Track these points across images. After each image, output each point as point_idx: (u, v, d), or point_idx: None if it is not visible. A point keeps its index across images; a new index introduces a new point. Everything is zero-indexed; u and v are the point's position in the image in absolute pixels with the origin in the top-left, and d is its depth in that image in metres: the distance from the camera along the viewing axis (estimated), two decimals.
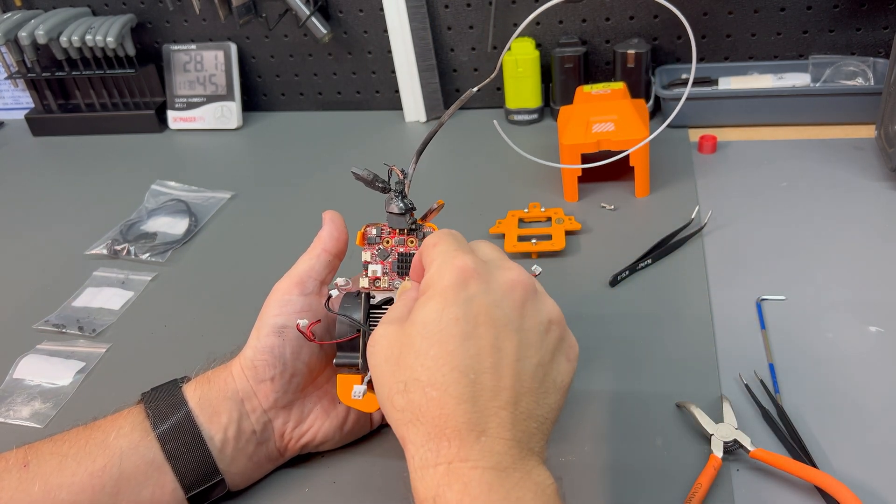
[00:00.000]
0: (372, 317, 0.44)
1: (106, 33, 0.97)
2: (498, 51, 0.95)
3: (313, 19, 0.94)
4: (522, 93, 0.92)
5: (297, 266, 0.46)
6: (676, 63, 0.92)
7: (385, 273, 0.44)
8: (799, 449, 0.44)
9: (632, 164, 0.72)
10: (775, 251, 0.64)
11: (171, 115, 1.04)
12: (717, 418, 0.47)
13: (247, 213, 0.82)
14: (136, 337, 0.63)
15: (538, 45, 0.93)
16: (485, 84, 0.49)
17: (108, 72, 1.03)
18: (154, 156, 0.98)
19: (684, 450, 0.46)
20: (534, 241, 0.67)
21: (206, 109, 1.03)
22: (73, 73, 1.03)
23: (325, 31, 0.95)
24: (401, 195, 0.43)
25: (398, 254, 0.45)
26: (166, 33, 1.04)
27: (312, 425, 0.46)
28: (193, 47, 1.03)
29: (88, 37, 0.97)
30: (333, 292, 0.44)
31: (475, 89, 0.46)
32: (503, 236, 0.69)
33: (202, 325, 0.64)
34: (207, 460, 0.42)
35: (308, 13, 0.94)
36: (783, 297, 0.58)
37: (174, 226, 0.79)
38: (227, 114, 1.03)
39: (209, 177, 0.89)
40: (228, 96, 1.02)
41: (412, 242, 0.45)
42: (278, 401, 0.44)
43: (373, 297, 0.45)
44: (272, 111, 1.08)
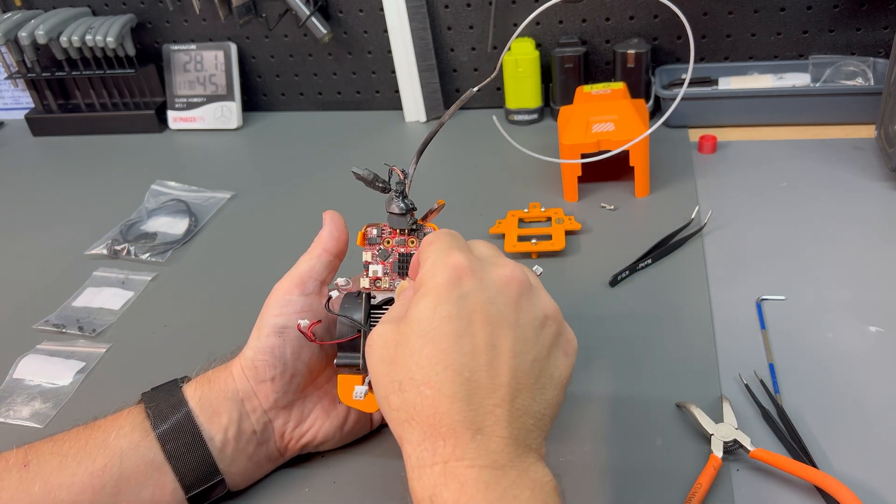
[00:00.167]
0: (373, 317, 0.44)
1: (106, 33, 0.97)
2: (498, 51, 0.95)
3: (313, 19, 0.94)
4: (522, 93, 0.92)
5: (297, 266, 0.46)
6: (676, 63, 0.92)
7: (386, 273, 0.44)
8: (799, 449, 0.44)
9: (632, 164, 0.72)
10: (775, 251, 0.64)
11: (171, 115, 1.04)
12: (717, 418, 0.47)
13: (247, 213, 0.82)
14: (136, 337, 0.63)
15: (538, 45, 0.93)
16: (485, 84, 0.49)
17: (108, 72, 1.03)
18: (154, 156, 0.98)
19: (684, 450, 0.46)
20: (534, 241, 0.67)
21: (206, 109, 1.03)
22: (73, 73, 1.03)
23: (325, 31, 0.95)
24: (402, 195, 0.43)
25: (399, 254, 0.45)
26: (166, 33, 1.04)
27: (313, 425, 0.46)
28: (193, 47, 1.03)
29: (88, 37, 0.97)
30: (334, 293, 0.44)
31: (475, 89, 0.46)
32: (503, 236, 0.69)
33: (202, 325, 0.64)
34: (207, 460, 0.42)
35: (308, 13, 0.94)
36: (783, 297, 0.58)
37: (174, 226, 0.79)
38: (227, 114, 1.03)
39: (209, 177, 0.89)
40: (228, 96, 1.02)
41: (413, 243, 0.45)
42: (278, 401, 0.44)
43: (373, 298, 0.45)
44: (272, 111, 1.08)
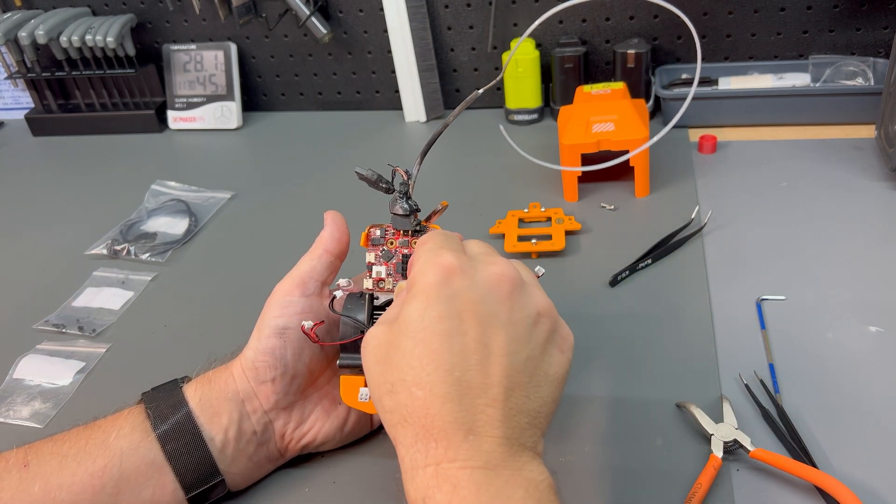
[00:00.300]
0: (375, 318, 0.44)
1: (106, 33, 0.97)
2: (498, 51, 0.95)
3: (313, 19, 0.94)
4: (522, 93, 0.92)
5: (298, 267, 0.46)
6: (676, 63, 0.92)
7: (389, 274, 0.44)
8: (799, 449, 0.44)
9: (632, 165, 0.72)
10: (775, 251, 0.64)
11: (171, 115, 1.04)
12: (717, 418, 0.47)
13: (247, 213, 0.82)
14: (136, 337, 0.63)
15: (538, 45, 0.93)
16: (490, 86, 0.48)
17: (107, 72, 1.03)
18: (154, 156, 0.98)
19: (684, 450, 0.46)
20: (534, 241, 0.67)
21: (206, 109, 1.03)
22: (73, 73, 1.03)
23: (325, 31, 0.95)
24: (405, 196, 0.43)
25: (402, 255, 0.44)
26: (166, 33, 1.04)
27: (313, 426, 0.46)
28: (193, 47, 1.03)
29: (88, 37, 0.97)
30: (337, 293, 0.44)
31: (480, 91, 0.46)
32: (503, 236, 0.69)
33: (202, 325, 0.64)
34: (208, 461, 0.42)
35: (308, 13, 0.94)
36: (783, 297, 0.58)
37: (174, 226, 0.79)
38: (227, 114, 1.03)
39: (209, 177, 0.89)
40: (228, 96, 1.02)
41: (416, 244, 0.45)
42: (279, 402, 0.44)
43: (376, 298, 0.45)
44: (272, 111, 1.08)
